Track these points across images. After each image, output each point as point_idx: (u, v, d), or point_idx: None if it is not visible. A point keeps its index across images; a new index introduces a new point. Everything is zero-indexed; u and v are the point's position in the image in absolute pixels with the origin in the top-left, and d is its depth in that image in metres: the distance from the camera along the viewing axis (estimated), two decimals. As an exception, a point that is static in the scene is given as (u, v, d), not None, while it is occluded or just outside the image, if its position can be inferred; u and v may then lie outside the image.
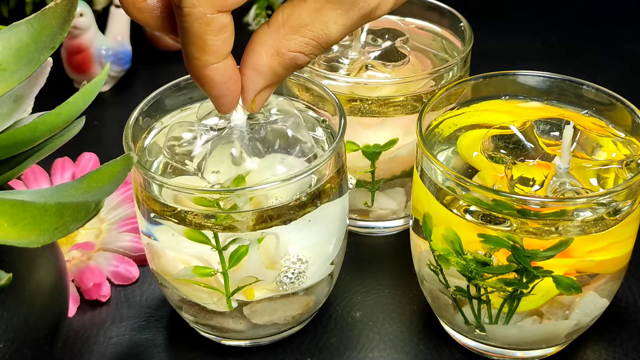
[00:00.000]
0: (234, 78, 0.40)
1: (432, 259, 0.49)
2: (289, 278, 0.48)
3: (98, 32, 0.76)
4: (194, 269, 0.47)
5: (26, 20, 0.42)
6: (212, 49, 0.38)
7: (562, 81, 0.52)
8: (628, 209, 0.46)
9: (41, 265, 0.44)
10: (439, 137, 0.51)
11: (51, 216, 0.36)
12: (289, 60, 0.40)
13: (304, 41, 0.39)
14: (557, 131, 0.50)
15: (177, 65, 0.83)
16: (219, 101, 0.41)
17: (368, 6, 0.39)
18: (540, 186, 0.47)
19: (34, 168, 0.64)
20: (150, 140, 0.51)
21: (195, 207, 0.45)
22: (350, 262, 0.58)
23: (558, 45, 0.86)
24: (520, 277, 0.46)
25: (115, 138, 0.52)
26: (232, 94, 0.40)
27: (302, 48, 0.40)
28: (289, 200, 0.46)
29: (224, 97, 0.40)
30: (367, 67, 0.58)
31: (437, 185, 0.47)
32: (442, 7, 0.62)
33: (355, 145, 0.57)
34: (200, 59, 0.38)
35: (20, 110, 0.43)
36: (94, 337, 0.54)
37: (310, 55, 0.40)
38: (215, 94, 0.40)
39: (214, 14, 0.37)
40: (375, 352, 0.53)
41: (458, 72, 0.57)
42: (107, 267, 0.58)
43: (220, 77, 0.39)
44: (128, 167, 0.39)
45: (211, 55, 0.38)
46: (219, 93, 0.40)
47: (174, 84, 0.52)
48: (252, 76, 0.40)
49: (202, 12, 0.36)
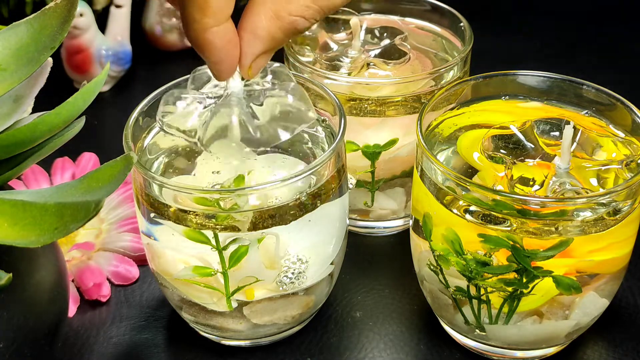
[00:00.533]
0: (233, 42, 0.38)
1: (432, 259, 0.49)
2: (289, 278, 0.48)
3: (98, 32, 0.76)
4: (194, 269, 0.47)
5: (26, 20, 0.42)
6: (213, 10, 0.37)
7: (562, 81, 0.52)
8: (628, 209, 0.46)
9: (41, 265, 0.44)
10: (439, 137, 0.51)
11: (51, 216, 0.36)
12: (289, 24, 0.39)
13: (305, 4, 0.38)
14: (557, 131, 0.50)
15: (177, 65, 0.83)
16: (218, 67, 0.39)
17: None
18: (540, 186, 0.47)
19: (34, 168, 0.64)
20: (150, 140, 0.51)
21: (196, 207, 0.45)
22: (350, 262, 0.58)
23: (558, 45, 0.86)
24: (520, 277, 0.46)
25: (115, 138, 0.52)
26: (231, 59, 0.39)
27: (303, 12, 0.38)
28: (289, 200, 0.46)
29: (223, 62, 0.39)
30: (369, 65, 0.58)
31: (437, 185, 0.47)
32: (442, 7, 0.62)
33: (355, 145, 0.57)
34: (200, 21, 0.37)
35: (20, 110, 0.43)
36: (94, 337, 0.54)
37: (311, 20, 0.39)
38: (215, 59, 0.39)
39: None
40: (375, 352, 0.53)
41: (458, 72, 0.57)
42: (107, 267, 0.58)
43: (220, 41, 0.38)
44: (128, 167, 0.39)
45: (212, 17, 0.37)
46: (218, 58, 0.39)
47: (174, 84, 0.52)
48: (250, 40, 0.39)
49: None
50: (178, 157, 0.50)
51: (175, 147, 0.51)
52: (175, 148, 0.51)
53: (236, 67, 0.40)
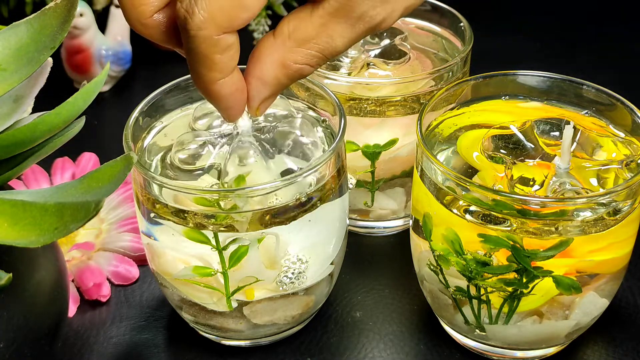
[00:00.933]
0: (240, 89, 0.40)
1: (432, 259, 0.49)
2: (289, 278, 0.48)
3: (98, 32, 0.76)
4: (194, 269, 0.47)
5: (26, 20, 0.42)
6: (219, 66, 0.38)
7: (562, 81, 0.52)
8: (628, 209, 0.46)
9: (41, 265, 0.44)
10: (439, 137, 0.51)
11: (51, 216, 0.36)
12: (295, 72, 0.40)
13: (310, 54, 0.40)
14: (557, 131, 0.50)
15: (177, 65, 0.83)
16: (227, 112, 0.41)
17: (374, 20, 0.39)
18: (540, 186, 0.47)
19: (34, 168, 0.64)
20: (150, 140, 0.51)
21: (196, 207, 0.45)
22: (350, 262, 0.58)
23: (558, 45, 0.86)
24: (520, 277, 0.46)
25: (115, 138, 0.52)
26: (239, 104, 0.41)
27: (308, 60, 0.40)
28: (289, 200, 0.46)
29: (232, 108, 0.41)
30: (369, 65, 0.58)
31: (437, 185, 0.47)
32: (442, 7, 0.62)
33: (355, 145, 0.57)
34: (207, 75, 0.38)
35: (20, 110, 0.43)
36: (94, 337, 0.54)
37: (316, 66, 0.41)
38: (224, 107, 0.41)
39: (220, 35, 0.37)
40: (375, 352, 0.53)
41: (458, 72, 0.57)
42: (107, 267, 0.58)
43: (228, 91, 0.39)
44: (128, 167, 0.39)
45: (218, 73, 0.38)
46: (226, 105, 0.40)
47: (174, 84, 0.52)
48: (257, 86, 0.41)
49: (208, 34, 0.37)
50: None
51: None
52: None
53: (244, 110, 0.42)
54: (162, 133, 0.52)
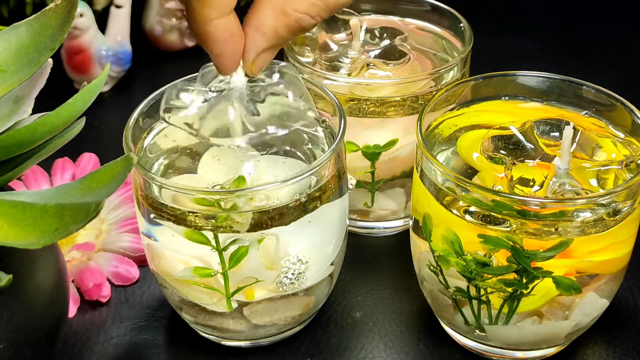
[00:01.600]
0: (235, 36, 0.39)
1: (432, 260, 0.49)
2: (289, 279, 0.48)
3: (98, 33, 0.76)
4: (194, 270, 0.48)
5: (26, 21, 0.42)
6: (214, 2, 0.37)
7: (562, 81, 0.52)
8: (628, 209, 0.46)
9: (41, 266, 0.44)
10: (439, 138, 0.51)
11: (51, 217, 0.36)
12: (295, 21, 0.39)
13: (311, 1, 0.38)
14: (557, 132, 0.50)
15: (177, 66, 0.83)
16: (220, 60, 0.39)
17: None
18: (540, 187, 0.47)
19: (34, 169, 0.64)
20: (150, 140, 0.51)
21: (196, 207, 0.45)
22: (350, 262, 0.58)
23: (558, 45, 0.86)
24: (520, 278, 0.46)
25: (115, 138, 0.52)
26: (233, 53, 0.39)
27: (309, 9, 0.38)
28: (289, 201, 0.46)
29: (225, 55, 0.39)
30: (368, 65, 0.58)
31: (437, 186, 0.47)
32: (442, 8, 0.62)
33: (355, 145, 0.57)
34: (202, 12, 0.37)
35: (21, 111, 0.43)
36: (94, 337, 0.54)
37: (316, 18, 0.39)
38: (216, 52, 0.39)
39: None
40: (375, 352, 0.53)
41: (458, 72, 0.57)
42: (107, 268, 0.58)
43: (222, 34, 0.38)
44: (128, 167, 0.39)
45: (213, 9, 0.37)
46: (219, 51, 0.39)
47: (174, 84, 0.52)
48: (254, 36, 0.39)
49: None
50: (179, 157, 0.51)
51: (176, 148, 0.51)
52: (176, 149, 0.51)
53: (239, 61, 0.40)
54: (163, 134, 0.52)
